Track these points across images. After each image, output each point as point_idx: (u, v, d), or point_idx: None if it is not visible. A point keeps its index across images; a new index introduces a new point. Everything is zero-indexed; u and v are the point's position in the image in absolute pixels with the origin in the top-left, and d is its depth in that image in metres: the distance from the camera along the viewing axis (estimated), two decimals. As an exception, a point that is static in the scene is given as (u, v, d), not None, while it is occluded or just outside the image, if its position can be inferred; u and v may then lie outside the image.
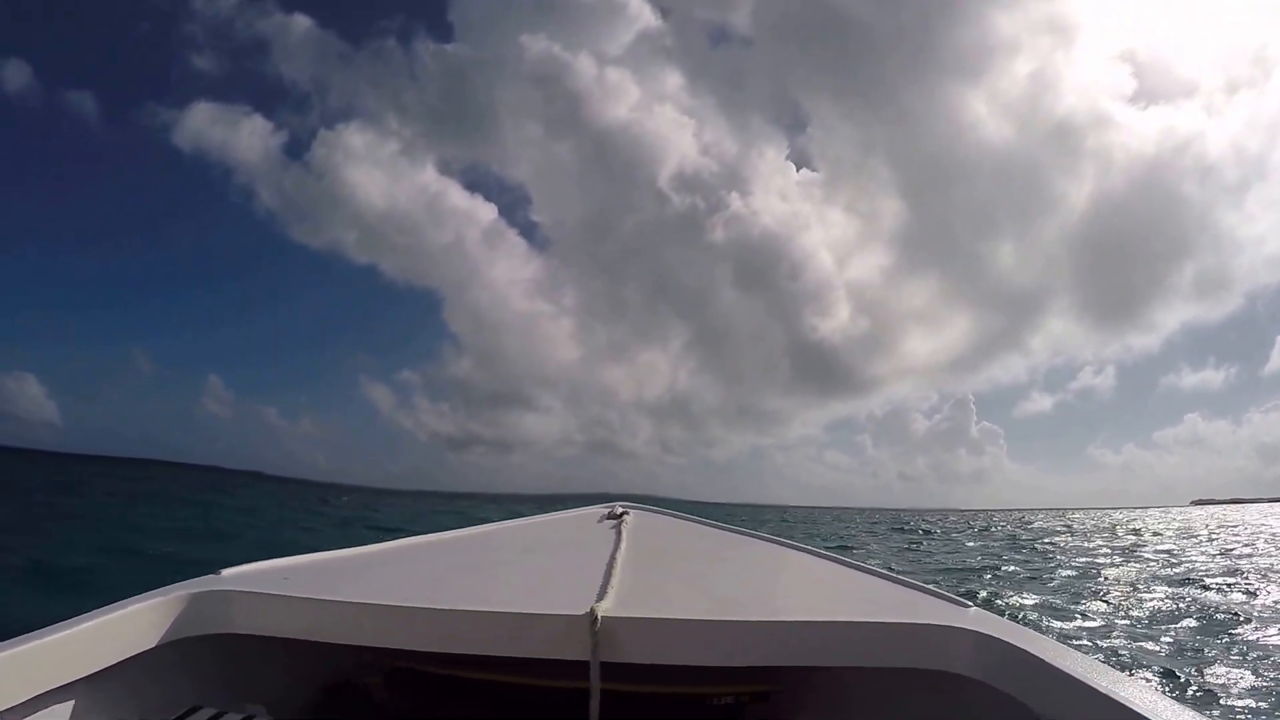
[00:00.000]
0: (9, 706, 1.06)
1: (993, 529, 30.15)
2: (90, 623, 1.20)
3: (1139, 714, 0.96)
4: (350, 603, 1.32)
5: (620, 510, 2.58)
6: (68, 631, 1.16)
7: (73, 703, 1.17)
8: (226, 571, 1.49)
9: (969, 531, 27.56)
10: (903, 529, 28.80)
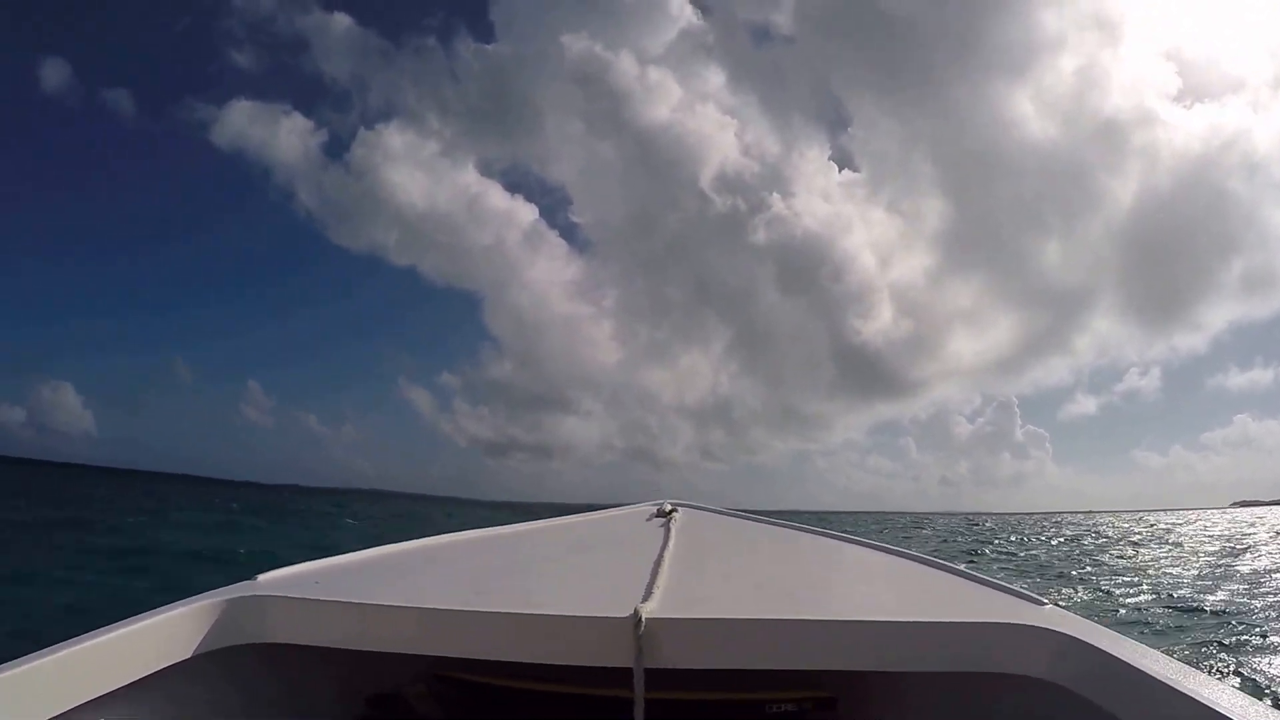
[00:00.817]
0: (50, 717, 1.05)
1: (1074, 535, 28.10)
2: (127, 629, 1.18)
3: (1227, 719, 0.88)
4: (389, 606, 1.28)
5: (669, 508, 2.49)
6: (98, 641, 1.14)
7: (109, 716, 1.15)
8: (263, 577, 1.45)
9: (1048, 541, 25.22)
10: (978, 541, 24.70)
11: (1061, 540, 25.40)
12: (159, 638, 1.21)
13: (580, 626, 1.20)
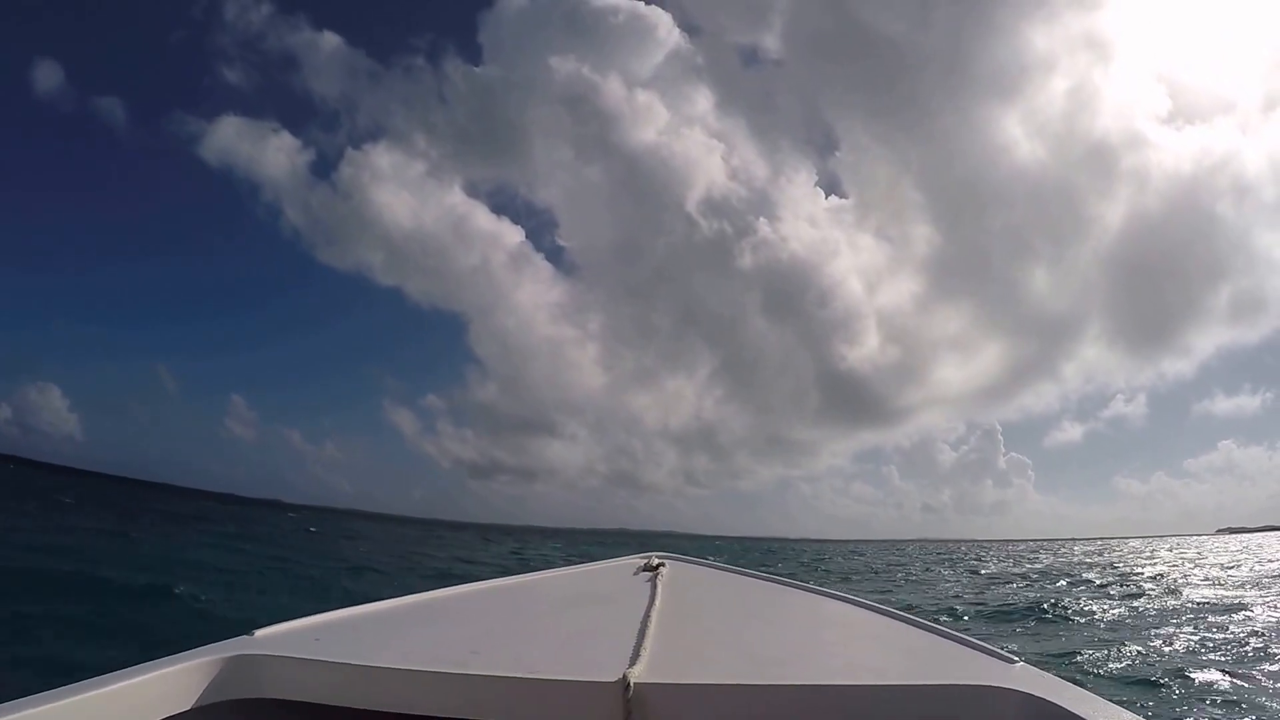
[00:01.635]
0: None
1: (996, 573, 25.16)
2: (119, 685, 1.18)
3: None
4: (383, 668, 1.31)
5: (656, 562, 2.50)
6: (94, 693, 1.14)
7: None
8: (260, 632, 1.48)
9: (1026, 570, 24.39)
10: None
11: (976, 576, 23.78)
12: (153, 693, 1.23)
13: (569, 691, 1.23)
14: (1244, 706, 5.81)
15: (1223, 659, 7.76)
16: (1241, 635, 9.26)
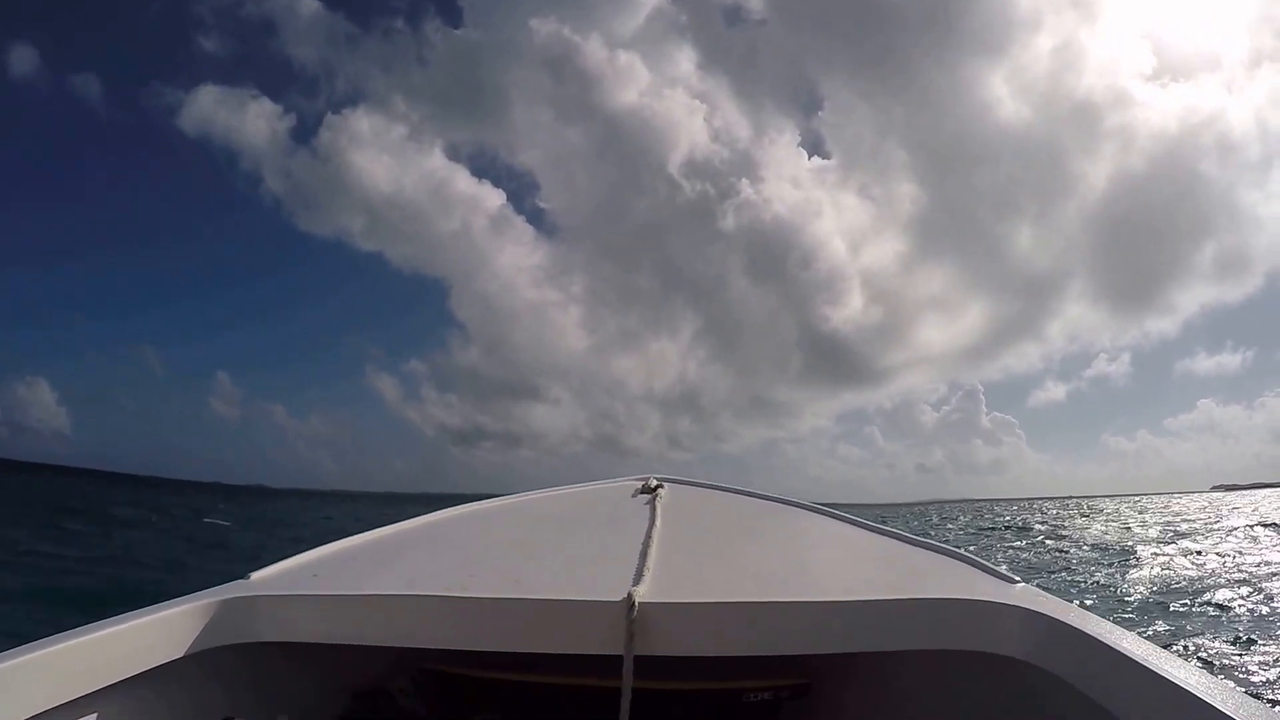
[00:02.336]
0: (34, 714, 1.03)
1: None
2: (114, 629, 1.17)
3: (1201, 699, 0.90)
4: (378, 596, 1.29)
5: (654, 483, 2.44)
6: (90, 637, 1.13)
7: (96, 715, 1.15)
8: (256, 575, 1.45)
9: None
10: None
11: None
12: (149, 637, 1.21)
13: (571, 611, 1.21)
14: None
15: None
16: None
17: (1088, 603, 8.05)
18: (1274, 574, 11.13)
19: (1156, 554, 14.51)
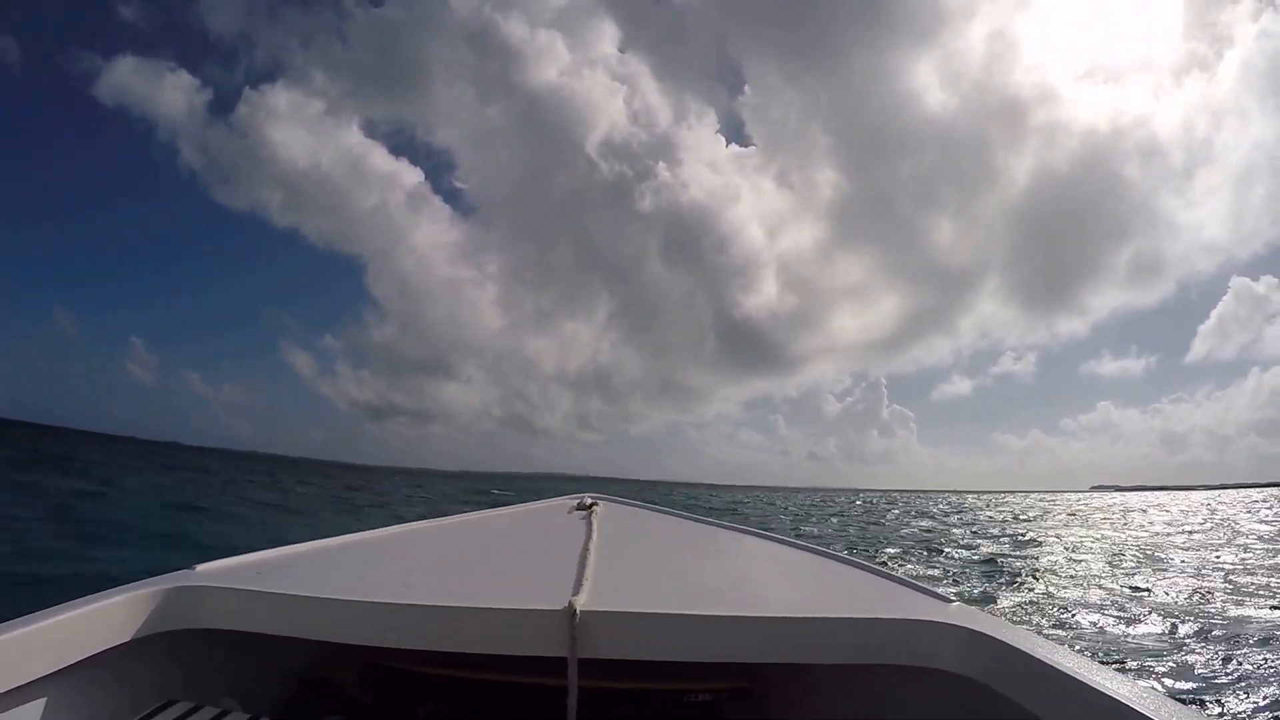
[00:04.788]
0: None
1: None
2: (61, 616, 1.17)
3: (1133, 709, 0.95)
4: (322, 598, 1.31)
5: (590, 501, 2.57)
6: (36, 625, 1.13)
7: (44, 700, 1.15)
8: (201, 567, 1.47)
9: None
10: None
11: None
12: (90, 625, 1.22)
13: (514, 618, 1.25)
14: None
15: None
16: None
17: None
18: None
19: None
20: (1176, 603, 7.94)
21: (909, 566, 10.98)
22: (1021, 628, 1.33)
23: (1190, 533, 19.92)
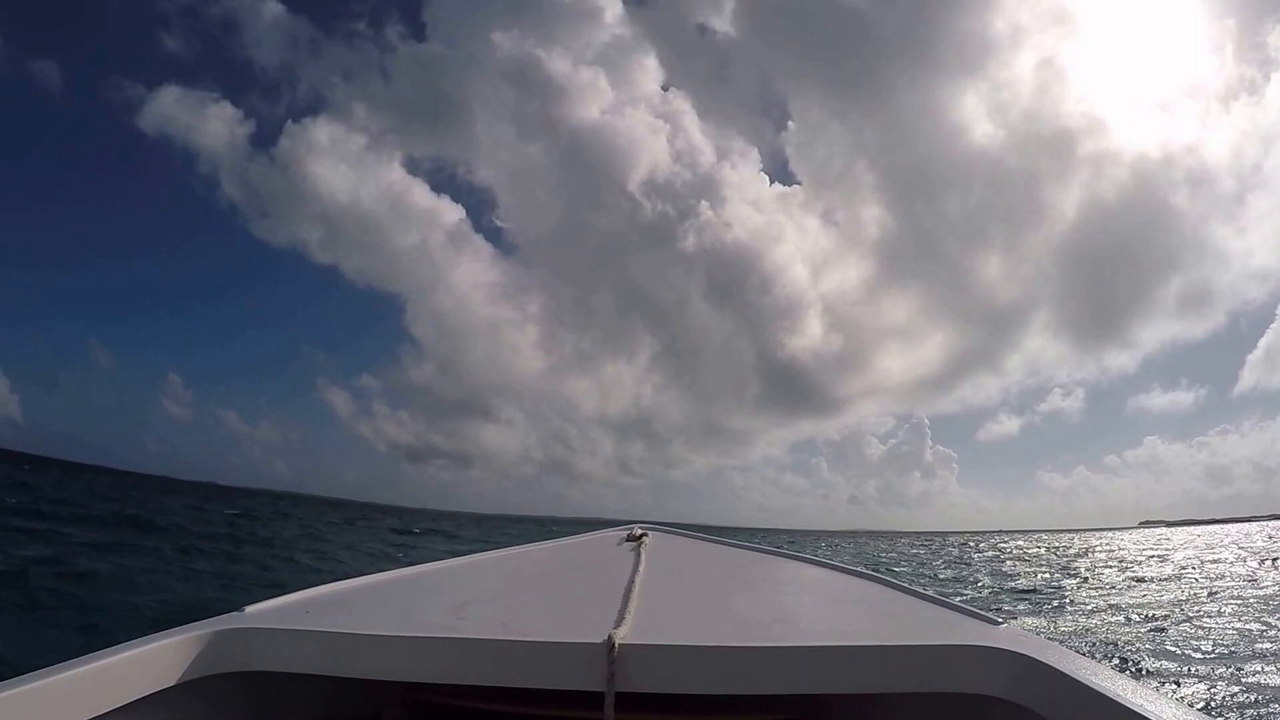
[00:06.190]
0: None
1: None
2: (108, 660, 1.18)
3: None
4: (369, 635, 1.32)
5: (640, 532, 2.57)
6: (85, 669, 1.14)
7: None
8: (250, 608, 1.48)
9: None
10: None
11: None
12: (140, 668, 1.23)
13: (555, 652, 1.25)
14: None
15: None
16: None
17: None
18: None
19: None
20: None
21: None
22: (1076, 653, 1.29)
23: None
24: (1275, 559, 21.18)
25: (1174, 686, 5.44)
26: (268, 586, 8.62)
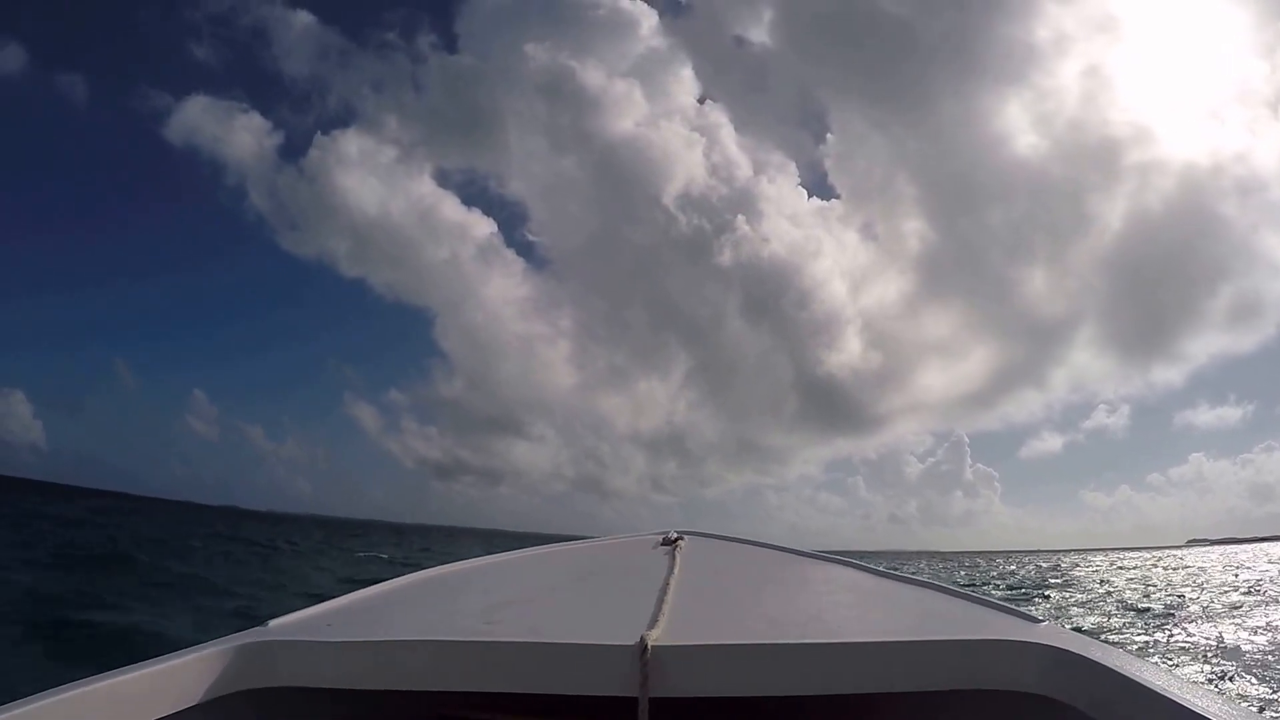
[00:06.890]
0: None
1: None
2: (131, 675, 1.18)
3: None
4: (393, 641, 1.31)
5: (675, 535, 2.56)
6: (107, 683, 1.14)
7: None
8: (274, 622, 1.47)
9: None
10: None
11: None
12: (164, 686, 1.21)
13: (586, 654, 1.23)
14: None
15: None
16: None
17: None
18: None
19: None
20: None
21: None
22: (1116, 648, 1.28)
23: None
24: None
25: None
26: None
